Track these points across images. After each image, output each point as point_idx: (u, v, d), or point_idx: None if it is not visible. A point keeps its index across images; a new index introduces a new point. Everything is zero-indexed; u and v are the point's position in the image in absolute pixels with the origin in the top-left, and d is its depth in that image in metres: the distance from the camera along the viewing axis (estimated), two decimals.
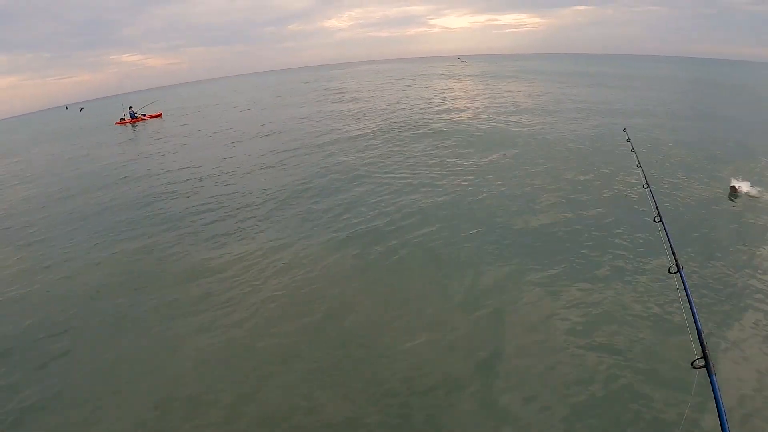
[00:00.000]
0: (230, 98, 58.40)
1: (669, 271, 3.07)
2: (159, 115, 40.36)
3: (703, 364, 2.08)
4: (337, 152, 17.30)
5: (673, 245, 3.35)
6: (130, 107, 39.78)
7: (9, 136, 53.01)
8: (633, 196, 10.63)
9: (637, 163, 5.85)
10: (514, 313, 6.55)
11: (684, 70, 65.21)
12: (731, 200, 10.42)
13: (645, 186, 4.99)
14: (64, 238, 11.39)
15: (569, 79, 36.83)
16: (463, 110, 24.30)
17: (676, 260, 3.09)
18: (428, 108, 26.09)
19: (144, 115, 39.54)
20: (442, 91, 36.14)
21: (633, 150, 6.55)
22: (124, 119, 38.43)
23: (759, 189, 10.66)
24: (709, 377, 1.99)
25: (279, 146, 19.42)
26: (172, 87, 79.81)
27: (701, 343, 2.19)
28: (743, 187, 10.64)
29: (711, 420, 4.28)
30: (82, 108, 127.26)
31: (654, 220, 3.96)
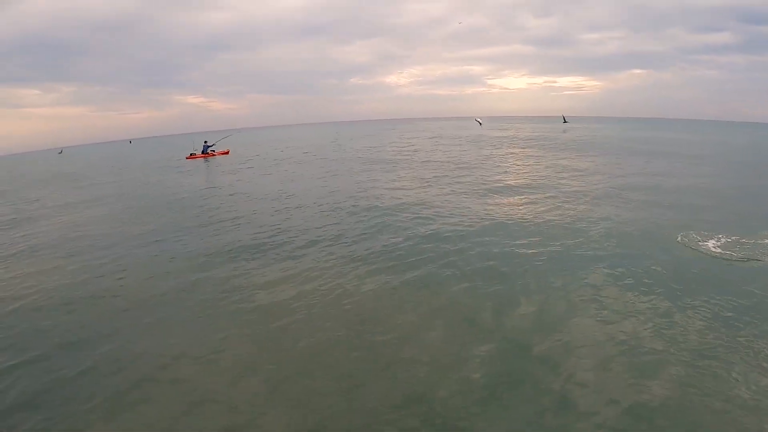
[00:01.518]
0: (290, 143, 60.87)
1: None
2: (227, 153, 42.08)
3: None
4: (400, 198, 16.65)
5: None
6: (205, 141, 41.69)
7: (86, 162, 56.55)
8: None
9: None
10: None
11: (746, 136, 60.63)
12: None
13: None
14: (139, 250, 11.77)
15: (625, 149, 34.31)
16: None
17: None
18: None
19: (214, 151, 41.35)
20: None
21: None
22: (194, 154, 40.17)
23: None
24: None
25: (339, 188, 19.58)
26: (232, 130, 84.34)
27: None
28: None
29: None
30: (131, 141, 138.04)
31: None
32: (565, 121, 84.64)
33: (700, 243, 9.94)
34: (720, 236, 10.20)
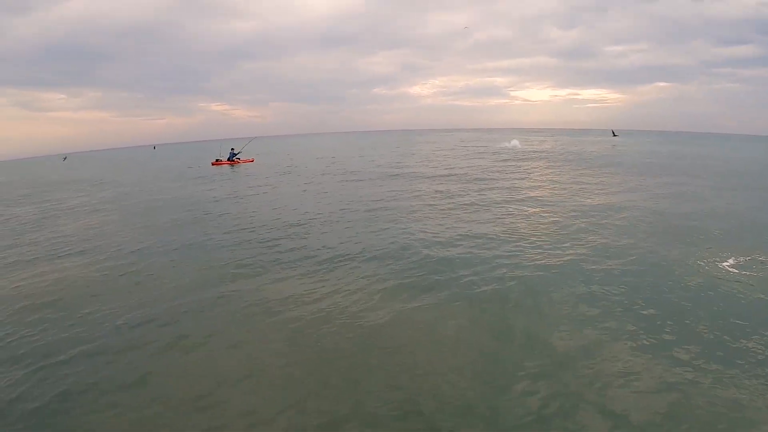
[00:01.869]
0: (313, 152, 61.19)
1: None
2: (251, 161, 42.06)
3: None
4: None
5: None
6: (232, 149, 41.92)
7: (120, 165, 57.11)
8: None
9: None
10: None
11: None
12: None
13: None
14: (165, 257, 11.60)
15: (651, 166, 30.74)
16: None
17: None
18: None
19: (239, 158, 41.30)
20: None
21: None
22: (220, 160, 40.32)
23: None
24: None
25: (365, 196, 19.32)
26: (254, 138, 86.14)
27: None
28: None
29: None
30: (155, 147, 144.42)
31: None
32: (614, 135, 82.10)
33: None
34: None
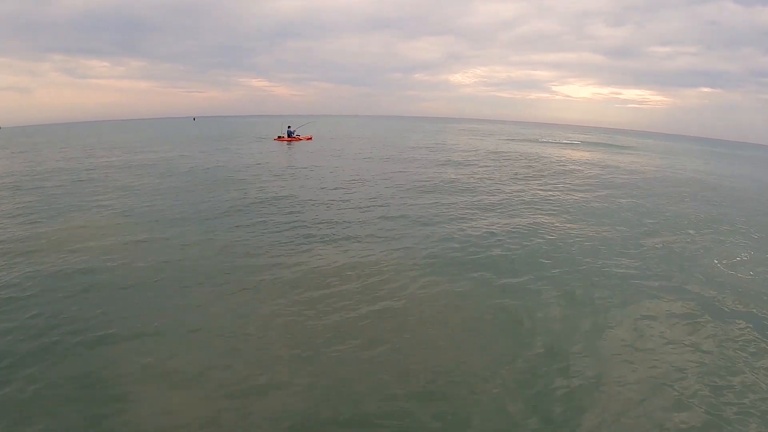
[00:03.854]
0: (362, 132, 61.94)
1: None
2: (310, 138, 42.42)
3: None
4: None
5: None
6: (289, 126, 42.20)
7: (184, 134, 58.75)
8: None
9: None
10: None
11: None
12: None
13: None
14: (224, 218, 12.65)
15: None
16: None
17: None
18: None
19: (299, 135, 41.70)
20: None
21: None
22: (282, 137, 40.81)
23: None
24: None
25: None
26: (295, 116, 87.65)
27: None
28: None
29: None
30: (195, 118, 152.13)
31: None
32: None
33: None
34: None
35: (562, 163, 29.27)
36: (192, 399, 5.04)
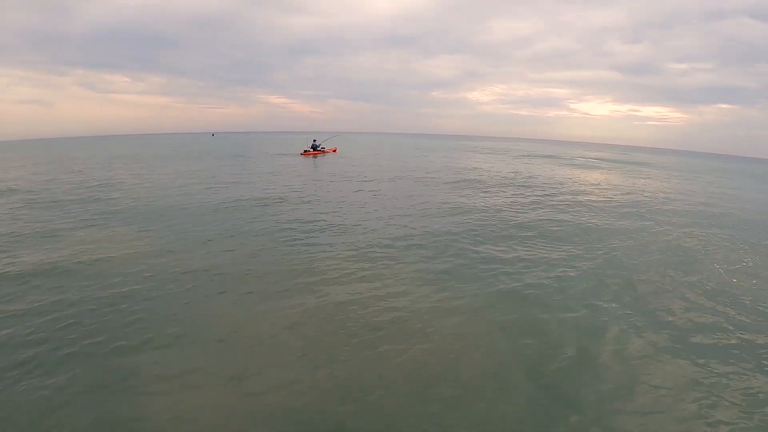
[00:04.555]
0: (382, 148, 63.21)
1: None
2: (335, 150, 43.92)
3: None
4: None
5: None
6: (314, 140, 43.52)
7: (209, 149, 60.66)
8: None
9: None
10: None
11: None
12: None
13: None
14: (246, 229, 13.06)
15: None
16: None
17: None
18: None
19: (324, 149, 43.09)
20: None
21: None
22: (308, 150, 42.10)
23: None
24: None
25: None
26: (314, 133, 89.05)
27: None
28: None
29: None
30: (213, 134, 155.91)
31: None
32: None
33: None
34: None
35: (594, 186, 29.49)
36: (207, 402, 5.27)
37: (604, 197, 21.25)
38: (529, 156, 55.61)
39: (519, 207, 17.61)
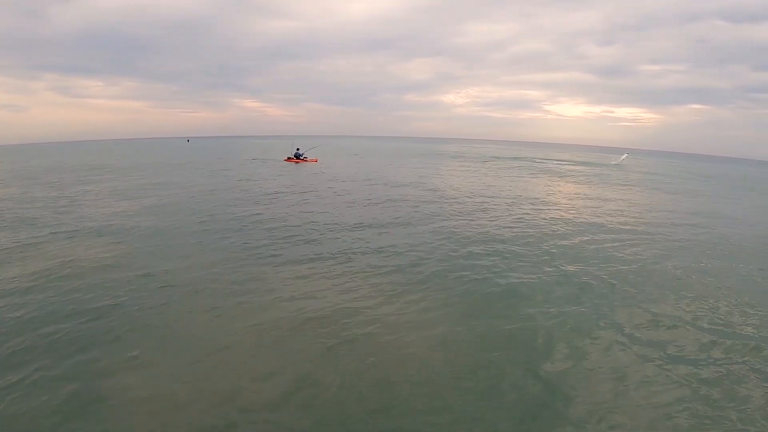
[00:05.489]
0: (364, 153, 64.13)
1: None
2: (315, 161, 45.74)
3: None
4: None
5: None
6: (297, 148, 46.10)
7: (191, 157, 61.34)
8: None
9: None
10: None
11: None
12: None
13: None
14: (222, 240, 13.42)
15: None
16: None
17: None
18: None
19: (306, 158, 45.46)
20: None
21: None
22: (291, 158, 44.60)
23: None
24: None
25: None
26: (288, 137, 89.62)
27: None
28: None
29: None
30: (189, 139, 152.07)
31: None
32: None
33: None
34: None
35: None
36: (183, 421, 5.35)
37: (571, 207, 21.88)
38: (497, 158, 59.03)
39: (491, 217, 18.22)
